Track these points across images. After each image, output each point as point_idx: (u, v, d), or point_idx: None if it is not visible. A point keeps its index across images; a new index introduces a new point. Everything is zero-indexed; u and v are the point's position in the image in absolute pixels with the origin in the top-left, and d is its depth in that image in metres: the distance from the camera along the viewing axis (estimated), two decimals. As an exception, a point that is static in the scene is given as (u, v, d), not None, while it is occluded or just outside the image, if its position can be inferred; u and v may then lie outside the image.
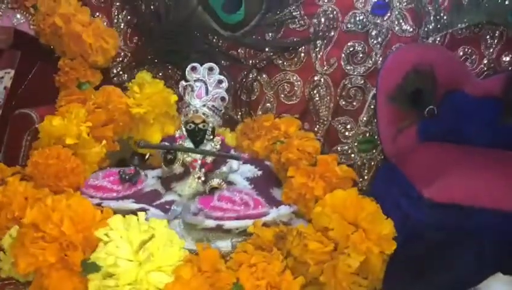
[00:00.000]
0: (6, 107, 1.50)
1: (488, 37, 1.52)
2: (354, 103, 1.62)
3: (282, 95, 1.64)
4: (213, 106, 1.27)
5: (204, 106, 1.26)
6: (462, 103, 1.47)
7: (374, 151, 1.63)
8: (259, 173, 1.38)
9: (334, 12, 1.58)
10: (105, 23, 1.61)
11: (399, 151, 1.47)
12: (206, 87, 1.27)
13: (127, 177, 1.23)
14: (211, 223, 1.09)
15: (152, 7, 1.63)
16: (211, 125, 1.27)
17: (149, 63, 1.68)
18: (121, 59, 1.68)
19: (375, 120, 1.57)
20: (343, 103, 1.62)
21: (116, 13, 1.66)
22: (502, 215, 1.00)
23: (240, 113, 1.65)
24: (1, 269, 0.98)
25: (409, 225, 1.09)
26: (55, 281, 0.85)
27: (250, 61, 1.63)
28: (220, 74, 1.30)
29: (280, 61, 1.62)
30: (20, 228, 0.96)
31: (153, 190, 1.26)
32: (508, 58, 1.53)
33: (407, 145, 1.47)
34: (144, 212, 1.06)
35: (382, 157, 1.61)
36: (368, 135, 1.63)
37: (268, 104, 1.65)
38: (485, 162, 1.21)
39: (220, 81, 1.29)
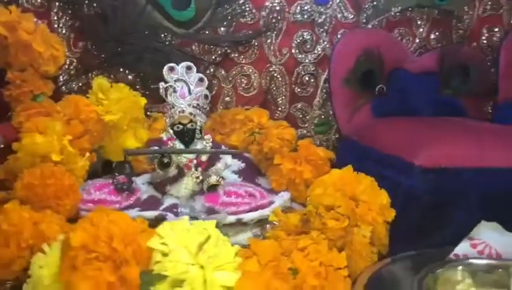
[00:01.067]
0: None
1: (418, 18, 1.70)
2: (308, 89, 1.71)
3: (241, 88, 1.68)
4: (198, 104, 1.28)
5: (189, 105, 1.26)
6: (405, 80, 1.65)
7: (330, 132, 1.75)
8: (243, 165, 1.42)
9: (281, 4, 1.65)
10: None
11: (356, 129, 1.60)
12: (188, 86, 1.27)
13: (124, 186, 1.19)
14: (231, 218, 1.11)
15: (97, 9, 1.56)
16: (198, 124, 1.28)
17: (98, 68, 1.61)
18: (67, 66, 1.59)
19: (329, 103, 1.69)
20: (298, 90, 1.71)
21: (55, 18, 1.56)
22: (483, 171, 1.17)
23: (200, 110, 1.66)
24: (32, 302, 0.91)
25: (402, 192, 1.22)
26: (117, 300, 0.82)
27: (206, 57, 1.64)
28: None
29: (235, 55, 1.66)
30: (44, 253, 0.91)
31: (150, 196, 1.24)
32: (434, 36, 1.73)
33: (363, 122, 1.61)
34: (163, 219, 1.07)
35: (337, 136, 1.74)
36: (322, 117, 1.74)
37: (227, 98, 1.69)
38: (446, 128, 1.38)
39: (200, 79, 1.30)
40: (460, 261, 1.00)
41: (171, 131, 1.27)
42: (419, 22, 1.71)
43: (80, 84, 1.60)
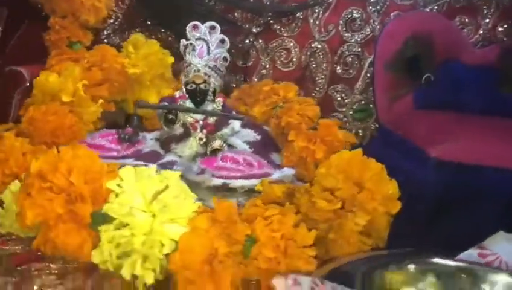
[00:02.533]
0: (-8, 66, 1.44)
1: (485, 7, 1.53)
2: (351, 71, 1.61)
3: (279, 62, 1.62)
4: (215, 66, 1.24)
5: (206, 65, 1.23)
6: (458, 72, 1.48)
7: (369, 120, 1.63)
8: (259, 137, 1.36)
9: (333, -23, 1.56)
10: (96, -18, 1.54)
11: (395, 119, 1.47)
12: (207, 46, 1.24)
13: (126, 137, 1.19)
14: (217, 181, 1.07)
15: (145, -33, 1.58)
16: (212, 86, 1.24)
17: (141, 26, 1.63)
18: (112, 21, 1.62)
19: (371, 88, 1.57)
20: (340, 70, 1.61)
21: (107, -28, 1.59)
22: (506, 172, 1.02)
23: (235, 79, 1.62)
24: (1, 225, 0.94)
25: (413, 183, 1.10)
26: (63, 234, 0.81)
27: (247, 26, 1.60)
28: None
29: (277, 27, 1.60)
30: (21, 181, 0.93)
31: (152, 150, 1.23)
32: (502, 29, 1.54)
33: (403, 112, 1.47)
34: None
35: (376, 126, 1.62)
36: (363, 103, 1.62)
37: (264, 71, 1.63)
38: (486, 128, 1.22)
39: (222, 41, 1.26)
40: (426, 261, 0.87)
41: (184, 89, 1.25)
42: (485, 11, 1.53)
43: (122, 39, 1.62)
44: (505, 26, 1.53)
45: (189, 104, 1.24)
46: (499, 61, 1.47)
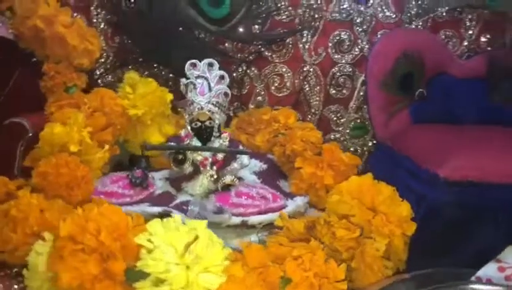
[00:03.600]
0: (-12, 117, 1.42)
1: (467, 19, 1.58)
2: (344, 91, 1.65)
3: (273, 88, 1.64)
4: (217, 102, 1.25)
5: (209, 102, 1.24)
6: (449, 85, 1.54)
7: (365, 136, 1.67)
8: (265, 166, 1.38)
9: (318, 2, 1.59)
10: (85, 24, 1.54)
11: (392, 135, 1.51)
12: (208, 83, 1.26)
13: (138, 181, 1.20)
14: (236, 220, 1.09)
15: (133, 5, 1.58)
16: (217, 122, 1.26)
17: (133, 63, 1.63)
18: (103, 60, 1.62)
19: (366, 106, 1.61)
20: (333, 91, 1.64)
21: (95, 12, 1.60)
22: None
23: (231, 108, 1.64)
24: (29, 288, 0.93)
25: (425, 204, 1.13)
26: (101, 293, 0.82)
27: (239, 55, 1.62)
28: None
29: (268, 54, 1.62)
30: (45, 240, 0.93)
31: (164, 191, 1.24)
32: (485, 39, 1.60)
33: (400, 128, 1.52)
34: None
35: (374, 142, 1.66)
36: (358, 121, 1.66)
37: (259, 98, 1.65)
38: (484, 139, 1.27)
39: (221, 77, 1.28)
40: (475, 285, 0.91)
41: (189, 128, 1.26)
42: (468, 24, 1.59)
43: (116, 78, 1.63)
44: (488, 36, 1.59)
45: (195, 142, 1.25)
46: (487, 72, 1.53)
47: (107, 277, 0.83)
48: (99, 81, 1.62)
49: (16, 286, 0.99)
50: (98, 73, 1.62)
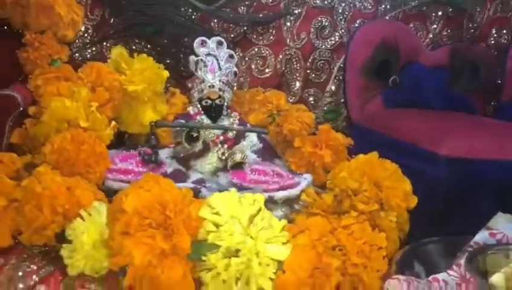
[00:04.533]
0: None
1: (433, 14, 1.73)
2: (322, 75, 1.72)
3: (256, 70, 1.67)
4: (227, 80, 1.26)
5: (219, 81, 1.25)
6: (418, 73, 1.67)
7: (339, 119, 1.77)
8: (261, 145, 1.41)
9: (303, -13, 1.65)
10: (65, -7, 1.45)
11: (367, 118, 1.62)
12: (217, 61, 1.26)
13: (152, 158, 1.17)
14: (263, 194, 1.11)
15: (117, -25, 1.52)
16: (226, 100, 1.26)
17: (114, 37, 1.57)
18: (81, 33, 1.54)
19: (341, 91, 1.71)
20: (313, 75, 1.71)
21: (75, -19, 1.50)
22: (503, 163, 1.21)
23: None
24: (70, 266, 0.89)
25: (425, 180, 1.24)
26: (168, 269, 0.81)
27: (225, 35, 1.62)
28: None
29: (253, 36, 1.65)
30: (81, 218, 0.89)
31: (176, 169, 1.22)
32: (446, 33, 1.76)
33: (374, 112, 1.63)
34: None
35: (344, 124, 1.76)
36: (333, 104, 1.75)
37: (241, 79, 1.67)
38: (462, 122, 1.42)
39: (230, 56, 1.28)
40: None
41: (199, 105, 1.25)
42: (433, 18, 1.74)
43: (94, 52, 1.55)
44: (449, 30, 1.75)
45: (206, 120, 1.25)
46: (449, 63, 1.70)
47: (174, 252, 0.82)
48: (76, 54, 1.53)
49: (47, 268, 0.93)
50: (75, 46, 1.53)
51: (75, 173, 1.04)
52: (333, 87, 1.73)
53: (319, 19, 1.67)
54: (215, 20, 1.62)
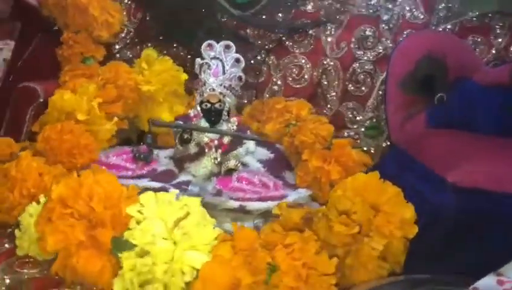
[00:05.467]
0: (5, 80, 1.44)
1: (497, 26, 1.53)
2: (363, 88, 1.61)
3: (290, 78, 1.62)
4: (230, 85, 1.24)
5: (221, 85, 1.23)
6: (471, 91, 1.47)
7: (380, 137, 1.63)
8: (271, 155, 1.36)
9: (346, -5, 1.56)
10: (109, -3, 1.54)
11: (407, 138, 1.47)
12: (223, 65, 1.24)
13: (141, 156, 1.19)
14: (234, 204, 1.07)
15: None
16: (227, 105, 1.24)
17: (153, 41, 1.63)
18: (124, 35, 1.62)
19: (383, 106, 1.57)
20: (352, 88, 1.61)
21: (120, -13, 1.60)
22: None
23: (246, 95, 1.62)
24: (19, 247, 0.93)
25: (429, 208, 1.09)
26: (83, 260, 0.81)
27: (259, 42, 1.60)
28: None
29: (289, 43, 1.60)
30: (38, 203, 0.93)
31: (167, 169, 1.23)
32: (515, 48, 1.54)
33: (415, 131, 1.47)
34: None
35: (388, 143, 1.61)
36: (374, 121, 1.62)
37: (275, 87, 1.63)
38: (503, 150, 1.22)
39: (237, 60, 1.26)
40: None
41: (199, 108, 1.24)
42: (498, 31, 1.53)
43: (134, 54, 1.63)
44: (518, 45, 1.53)
45: (204, 123, 1.24)
46: (510, 82, 1.47)
47: (93, 245, 0.82)
48: (117, 55, 1.62)
49: (6, 245, 0.99)
50: (117, 48, 1.62)
51: (58, 162, 1.09)
52: (375, 102, 1.60)
53: (362, 28, 1.56)
54: (251, 27, 1.59)
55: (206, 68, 1.23)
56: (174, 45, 1.63)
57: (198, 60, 1.25)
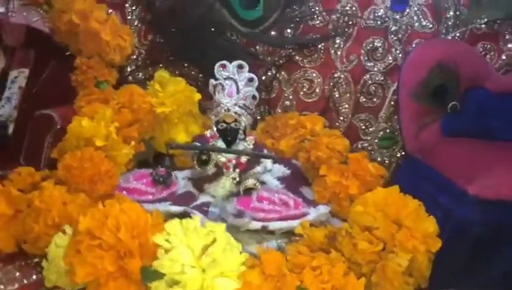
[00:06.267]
0: (21, 108, 1.45)
1: (506, 32, 1.53)
2: (374, 100, 1.61)
3: (302, 93, 1.63)
4: (244, 104, 1.24)
5: (236, 104, 1.23)
6: (484, 99, 1.48)
7: (394, 147, 1.63)
8: (288, 172, 1.37)
9: (353, 8, 1.57)
10: (119, 20, 1.56)
11: (422, 148, 1.47)
12: (236, 85, 1.25)
13: (161, 179, 1.20)
14: (256, 225, 1.07)
15: (167, 3, 1.59)
16: (243, 124, 1.25)
17: (164, 61, 1.64)
18: (135, 57, 1.64)
19: (396, 116, 1.58)
20: (364, 99, 1.61)
21: (130, 10, 1.61)
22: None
23: (258, 112, 1.63)
24: (46, 279, 0.94)
25: (452, 221, 1.09)
26: (115, 290, 0.82)
27: (269, 58, 1.61)
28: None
29: (299, 58, 1.61)
30: (64, 233, 0.93)
31: (186, 191, 1.23)
32: (525, 54, 1.54)
33: (430, 141, 1.47)
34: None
35: (402, 153, 1.62)
36: (388, 131, 1.63)
37: (287, 102, 1.64)
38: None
39: (250, 79, 1.26)
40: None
41: (215, 129, 1.25)
42: (507, 37, 1.53)
43: (146, 75, 1.64)
44: (528, 51, 1.53)
45: (220, 143, 1.24)
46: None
47: (122, 275, 0.83)
48: (129, 78, 1.64)
49: (34, 277, 0.99)
50: (129, 70, 1.64)
51: (80, 190, 1.10)
52: (388, 113, 1.61)
53: (371, 39, 1.57)
54: (261, 44, 1.60)
55: (220, 88, 1.24)
56: (185, 65, 1.64)
57: (212, 81, 1.26)
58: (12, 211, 1.06)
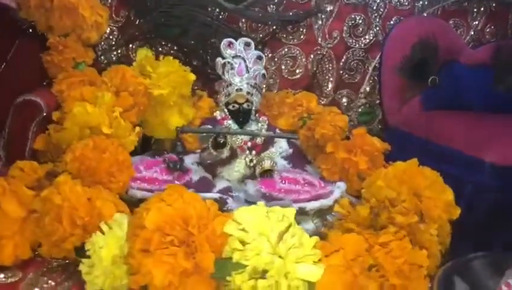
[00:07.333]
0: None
1: (474, 10, 1.63)
2: (356, 76, 1.64)
3: (286, 70, 1.60)
4: (255, 83, 1.20)
5: (247, 84, 1.18)
6: (459, 72, 1.57)
7: (373, 122, 1.68)
8: (291, 151, 1.35)
9: (335, -15, 1.57)
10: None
11: (405, 121, 1.53)
12: (245, 64, 1.19)
13: (177, 166, 1.12)
14: (293, 206, 1.04)
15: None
16: (254, 104, 1.20)
17: (140, 39, 1.53)
18: (106, 35, 1.50)
19: (376, 91, 1.62)
20: (346, 76, 1.63)
21: (101, -17, 1.47)
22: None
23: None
24: (90, 283, 0.84)
25: (469, 189, 1.15)
26: (190, 287, 0.75)
27: (253, 35, 1.56)
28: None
29: (283, 35, 1.58)
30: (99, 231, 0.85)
31: (202, 177, 1.17)
32: (489, 30, 1.65)
33: (411, 114, 1.54)
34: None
35: (380, 127, 1.67)
36: (367, 106, 1.67)
37: (270, 80, 1.61)
38: (509, 126, 1.31)
39: (259, 57, 1.22)
40: None
41: (226, 110, 1.19)
42: (475, 14, 1.63)
43: (119, 55, 1.52)
44: (492, 27, 1.64)
45: (233, 125, 1.19)
46: (492, 62, 1.58)
47: (196, 270, 0.76)
48: (102, 57, 1.50)
49: (66, 283, 0.89)
50: (100, 49, 1.50)
51: (97, 183, 0.99)
52: (368, 88, 1.65)
53: (352, 16, 1.59)
54: (243, 20, 1.55)
55: (229, 68, 1.18)
56: (162, 43, 1.54)
57: (219, 60, 1.20)
58: (25, 213, 0.93)
